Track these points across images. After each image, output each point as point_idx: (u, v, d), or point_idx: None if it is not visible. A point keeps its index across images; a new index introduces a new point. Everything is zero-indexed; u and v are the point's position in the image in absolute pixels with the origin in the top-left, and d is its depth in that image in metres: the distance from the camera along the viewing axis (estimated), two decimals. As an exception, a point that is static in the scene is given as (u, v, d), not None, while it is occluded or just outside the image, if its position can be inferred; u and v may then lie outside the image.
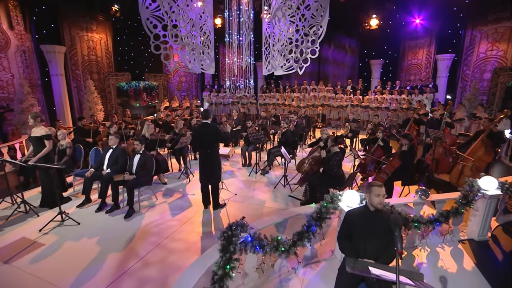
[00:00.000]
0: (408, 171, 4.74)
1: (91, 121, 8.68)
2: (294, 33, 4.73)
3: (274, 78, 16.08)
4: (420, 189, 3.43)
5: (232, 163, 7.34)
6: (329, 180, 4.49)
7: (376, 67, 14.67)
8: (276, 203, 4.94)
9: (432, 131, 5.82)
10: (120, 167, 4.88)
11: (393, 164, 4.79)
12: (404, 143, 4.78)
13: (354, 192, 3.17)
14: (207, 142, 4.45)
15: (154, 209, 4.73)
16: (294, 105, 12.64)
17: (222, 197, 5.13)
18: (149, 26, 4.97)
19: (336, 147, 4.49)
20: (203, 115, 4.44)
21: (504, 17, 10.60)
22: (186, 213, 4.58)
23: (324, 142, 5.61)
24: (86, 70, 12.43)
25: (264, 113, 9.27)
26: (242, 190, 5.53)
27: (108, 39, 13.43)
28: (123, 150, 5.04)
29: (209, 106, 14.59)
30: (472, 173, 5.10)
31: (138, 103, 13.32)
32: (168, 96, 15.10)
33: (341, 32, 15.13)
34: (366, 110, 11.76)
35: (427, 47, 13.43)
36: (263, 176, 6.31)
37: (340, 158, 4.42)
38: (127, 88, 13.16)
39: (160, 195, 5.34)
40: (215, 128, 4.41)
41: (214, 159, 4.45)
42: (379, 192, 2.40)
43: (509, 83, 8.83)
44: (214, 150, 4.45)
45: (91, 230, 4.04)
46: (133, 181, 4.59)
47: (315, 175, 4.66)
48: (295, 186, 5.58)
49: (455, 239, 3.65)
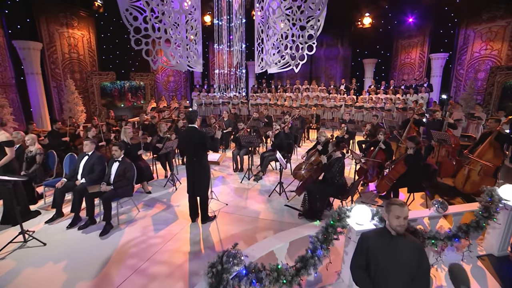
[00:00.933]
0: (415, 176, 4.37)
1: (70, 124, 8.02)
2: (290, 26, 4.28)
3: (266, 77, 15.67)
4: (436, 201, 3.04)
5: (223, 168, 6.85)
6: (330, 189, 4.06)
7: (369, 66, 14.43)
8: (272, 214, 4.48)
9: (436, 133, 5.50)
10: (97, 176, 4.33)
11: (398, 169, 4.41)
12: (410, 146, 4.41)
13: (364, 206, 2.75)
14: (192, 149, 3.96)
15: (135, 224, 4.20)
16: (287, 105, 12.24)
17: (212, 207, 4.65)
18: (128, 18, 4.44)
19: (338, 152, 4.07)
20: (188, 118, 3.94)
21: (498, 16, 10.47)
22: (171, 228, 4.07)
23: (323, 145, 5.20)
24: (67, 69, 11.70)
25: (256, 114, 8.80)
26: (234, 199, 5.05)
27: (91, 36, 12.71)
28: (100, 157, 4.48)
29: (199, 106, 14.05)
30: (480, 178, 4.78)
31: (123, 103, 12.65)
32: (155, 96, 14.49)
33: (333, 31, 14.86)
34: (361, 110, 11.46)
35: (420, 46, 13.26)
36: (256, 182, 5.85)
37: (343, 164, 4.00)
38: (111, 88, 12.47)
39: (143, 207, 4.80)
40: (202, 134, 3.92)
41: (201, 168, 3.96)
42: (399, 213, 1.98)
43: (506, 83, 8.65)
44: (200, 158, 3.96)
45: (59, 252, 3.48)
46: (111, 192, 4.05)
47: (314, 183, 4.23)
48: (291, 193, 5.14)
49: (472, 255, 3.27)
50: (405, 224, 1.99)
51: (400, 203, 2.03)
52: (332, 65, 15.92)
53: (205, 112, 13.93)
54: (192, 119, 3.93)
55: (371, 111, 11.16)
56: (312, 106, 11.68)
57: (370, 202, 4.82)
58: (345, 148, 4.09)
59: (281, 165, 4.82)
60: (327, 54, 15.77)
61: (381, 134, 5.35)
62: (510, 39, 10.12)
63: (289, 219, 4.30)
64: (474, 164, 4.94)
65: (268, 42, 4.64)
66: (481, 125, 8.14)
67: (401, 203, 2.04)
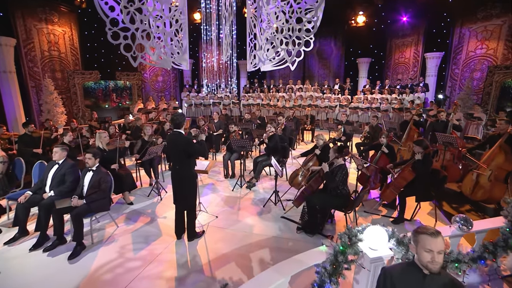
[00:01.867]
0: (424, 184, 3.98)
1: (47, 127, 7.40)
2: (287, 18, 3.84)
3: (258, 77, 15.24)
4: (459, 217, 2.64)
5: (213, 174, 6.36)
6: (332, 200, 3.64)
7: (363, 66, 14.16)
8: (267, 227, 4.03)
9: (441, 135, 5.16)
10: (68, 188, 3.79)
11: (406, 176, 4.02)
12: (417, 151, 4.02)
13: (378, 228, 2.32)
14: (176, 156, 3.49)
15: (112, 242, 3.69)
16: (280, 105, 11.82)
17: (200, 221, 4.17)
18: (103, 8, 3.92)
19: (340, 159, 3.64)
20: (173, 122, 3.44)
21: (494, 15, 10.30)
22: (153, 247, 3.57)
23: (321, 149, 4.79)
24: (47, 67, 10.99)
25: (248, 115, 8.34)
26: (225, 210, 4.58)
27: (73, 33, 12.01)
28: (72, 166, 3.94)
29: (188, 107, 13.51)
30: (491, 184, 4.44)
31: (108, 104, 12.00)
32: (143, 97, 13.88)
33: (326, 29, 14.56)
34: (356, 110, 11.13)
35: (415, 46, 13.06)
36: (249, 190, 5.39)
37: (346, 172, 3.58)
38: (95, 89, 11.81)
39: (123, 221, 4.28)
40: (186, 140, 3.43)
41: (186, 178, 3.48)
42: (431, 245, 1.55)
43: (505, 82, 8.44)
44: (185, 167, 3.47)
45: (15, 283, 2.94)
46: (83, 207, 3.52)
47: (314, 193, 3.79)
48: (288, 203, 4.71)
49: (496, 276, 2.90)
50: (440, 261, 1.56)
51: (431, 232, 1.60)
52: (325, 65, 15.61)
53: (195, 113, 13.40)
54: (178, 123, 3.43)
55: (366, 111, 10.85)
56: (306, 107, 11.29)
57: (374, 212, 4.44)
58: (348, 155, 3.66)
59: (276, 172, 4.38)
60: (320, 53, 15.45)
61: (383, 137, 4.97)
62: (506, 38, 9.95)
63: (286, 234, 3.85)
64: (483, 168, 4.60)
65: (261, 36, 4.19)
66: (481, 126, 7.90)
67: (432, 232, 1.60)
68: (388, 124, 6.52)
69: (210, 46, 5.01)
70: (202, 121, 7.35)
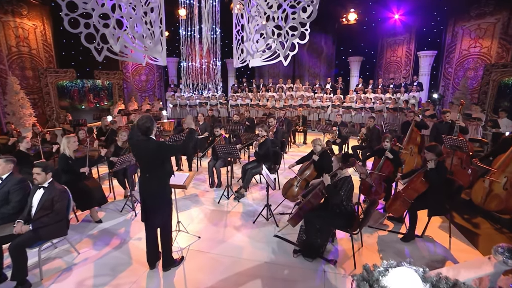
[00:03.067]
0: (437, 196, 3.48)
1: (7, 131, 6.56)
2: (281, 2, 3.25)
3: (247, 77, 14.63)
4: (502, 247, 2.10)
5: (197, 183, 5.71)
6: (334, 219, 3.07)
7: (355, 64, 13.76)
8: (259, 250, 3.42)
9: (449, 138, 4.69)
10: (13, 210, 3.08)
11: (417, 187, 3.50)
12: (430, 158, 3.51)
13: (407, 269, 1.76)
14: (144, 163, 2.87)
15: (69, 276, 2.99)
16: (269, 106, 11.25)
17: (179, 243, 3.53)
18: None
19: (345, 169, 3.08)
20: (140, 127, 2.78)
21: (487, 12, 10.05)
22: (118, 282, 2.90)
23: (319, 156, 4.22)
24: (15, 64, 10.02)
25: (237, 117, 7.72)
26: (209, 228, 3.94)
27: (46, 28, 11.05)
28: (19, 181, 3.21)
29: (173, 108, 12.77)
30: (507, 193, 3.99)
31: (84, 105, 11.11)
32: (124, 97, 13.05)
33: (317, 28, 14.13)
34: (349, 110, 10.68)
35: (407, 44, 12.76)
36: (238, 201, 4.78)
37: (352, 186, 3.02)
38: (70, 88, 10.91)
39: (87, 244, 3.58)
40: (158, 144, 2.80)
41: (158, 188, 2.85)
42: None
43: (504, 81, 8.15)
44: (156, 175, 2.84)
45: None
46: (28, 235, 2.82)
47: (313, 210, 3.21)
48: (280, 216, 4.13)
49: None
50: None
51: None
52: (316, 64, 15.16)
53: (180, 114, 12.69)
54: (145, 129, 2.77)
55: (360, 111, 10.42)
56: (297, 107, 10.75)
57: (379, 227, 3.90)
58: (355, 164, 3.10)
59: (267, 183, 3.78)
60: (310, 51, 14.99)
61: (387, 141, 4.45)
62: (500, 37, 9.71)
63: (281, 258, 3.26)
64: (497, 175, 4.15)
65: (249, 25, 3.59)
66: (480, 127, 7.56)
67: None
68: (388, 125, 6.04)
69: (190, 42, 4.39)
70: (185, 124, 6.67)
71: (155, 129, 2.86)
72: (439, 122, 5.68)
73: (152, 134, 2.83)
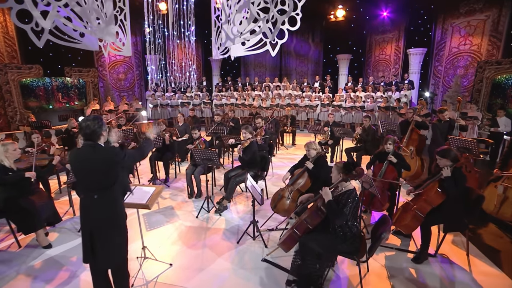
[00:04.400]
0: (455, 209, 2.94)
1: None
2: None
3: (232, 75, 13.97)
4: None
5: (174, 192, 5.00)
6: (337, 244, 2.45)
7: (343, 63, 13.35)
8: (244, 281, 2.76)
9: (457, 140, 4.21)
10: None
11: (432, 199, 2.95)
12: (444, 165, 2.97)
13: None
14: (90, 181, 2.13)
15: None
16: (256, 105, 10.62)
17: (146, 274, 2.83)
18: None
19: (349, 181, 2.47)
20: (83, 131, 2.06)
21: (477, 9, 9.84)
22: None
23: (314, 162, 3.61)
24: (-31, 60, 8.94)
25: (218, 117, 7.03)
26: (184, 253, 3.25)
27: (7, 19, 9.98)
28: None
29: (154, 108, 11.93)
30: (525, 201, 3.53)
31: (52, 104, 10.10)
32: (100, 96, 12.10)
33: (304, 25, 13.67)
34: (339, 109, 10.20)
35: (396, 42, 12.46)
36: (220, 215, 4.11)
37: (357, 202, 2.41)
38: (35, 87, 9.88)
39: (24, 281, 2.82)
40: (109, 153, 2.11)
41: (109, 215, 2.14)
42: None
43: (498, 78, 7.86)
44: (107, 196, 2.13)
45: None
46: None
47: (310, 232, 2.58)
48: (269, 233, 3.50)
49: None
50: None
51: None
52: (303, 62, 14.71)
53: (161, 115, 11.87)
54: (90, 132, 2.07)
55: (350, 110, 9.96)
56: (284, 106, 10.17)
57: (385, 245, 3.33)
58: (360, 174, 2.49)
59: (254, 197, 3.13)
60: (297, 49, 14.52)
61: (389, 143, 3.91)
62: (490, 34, 9.50)
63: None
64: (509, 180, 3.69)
65: (229, 1, 2.93)
66: (476, 126, 7.22)
67: None
68: (385, 125, 5.53)
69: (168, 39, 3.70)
70: (162, 125, 5.92)
71: (105, 133, 2.16)
72: (438, 121, 5.24)
73: (100, 140, 2.13)
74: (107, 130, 2.15)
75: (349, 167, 2.45)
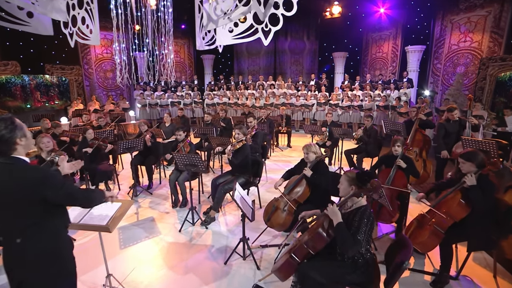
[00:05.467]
0: (482, 223, 2.49)
1: None
2: None
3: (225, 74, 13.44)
4: None
5: (156, 201, 4.47)
6: (346, 274, 1.97)
7: (339, 61, 12.94)
8: (231, 315, 2.27)
9: (471, 141, 3.78)
10: None
11: (454, 212, 2.49)
12: (467, 171, 2.52)
13: None
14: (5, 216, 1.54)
15: None
16: (249, 104, 10.12)
17: (109, 310, 2.30)
18: None
19: (362, 196, 1.98)
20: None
21: (478, 5, 9.49)
22: None
23: (313, 168, 3.12)
24: None
25: (208, 117, 6.52)
26: (163, 276, 2.73)
27: (-17, 13, 9.29)
28: None
29: (142, 108, 11.35)
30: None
31: (29, 104, 9.45)
32: (85, 95, 11.49)
33: (299, 22, 13.30)
34: (335, 109, 9.77)
35: (393, 40, 12.09)
36: (206, 229, 3.60)
37: (372, 222, 1.92)
38: (11, 85, 9.24)
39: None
40: (38, 173, 1.55)
41: (43, 258, 1.59)
42: None
43: (498, 77, 7.49)
44: (37, 235, 1.56)
45: None
46: None
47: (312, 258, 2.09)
48: (262, 251, 3.00)
49: None
50: None
51: None
52: (298, 60, 14.27)
53: (150, 115, 11.30)
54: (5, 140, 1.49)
55: (347, 110, 9.53)
56: (279, 106, 9.70)
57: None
58: (377, 190, 1.99)
59: (243, 212, 2.63)
60: (292, 47, 14.08)
61: (397, 145, 3.46)
62: (491, 30, 9.16)
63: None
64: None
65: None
66: (481, 126, 6.83)
67: None
68: (389, 125, 5.08)
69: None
70: (144, 126, 5.38)
71: (22, 140, 1.53)
72: (446, 120, 4.83)
73: (16, 152, 1.54)
74: (26, 136, 1.55)
75: (363, 179, 1.94)
